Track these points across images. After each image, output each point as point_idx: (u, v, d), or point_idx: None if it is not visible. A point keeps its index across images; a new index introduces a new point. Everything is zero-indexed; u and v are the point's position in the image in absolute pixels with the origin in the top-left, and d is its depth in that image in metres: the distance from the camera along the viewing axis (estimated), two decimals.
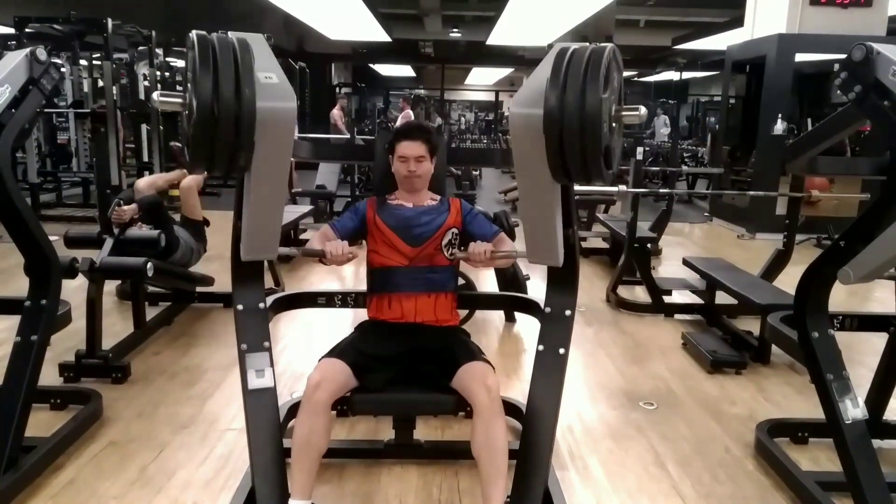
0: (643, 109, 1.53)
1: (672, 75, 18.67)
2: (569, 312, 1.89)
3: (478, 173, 10.96)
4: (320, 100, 13.70)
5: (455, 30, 14.70)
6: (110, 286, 3.88)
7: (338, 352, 1.97)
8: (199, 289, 3.92)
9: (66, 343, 3.06)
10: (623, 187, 4.22)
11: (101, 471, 2.21)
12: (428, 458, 2.30)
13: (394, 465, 2.27)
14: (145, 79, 8.49)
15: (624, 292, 4.42)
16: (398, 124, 8.10)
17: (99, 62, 8.26)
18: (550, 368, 1.85)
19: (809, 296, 1.95)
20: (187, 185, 3.67)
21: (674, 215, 5.71)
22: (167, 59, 9.31)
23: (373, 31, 10.87)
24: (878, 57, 1.69)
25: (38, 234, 2.14)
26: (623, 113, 1.53)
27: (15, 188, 2.05)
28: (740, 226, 7.25)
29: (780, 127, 6.68)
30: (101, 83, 7.93)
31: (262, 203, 1.68)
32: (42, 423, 2.42)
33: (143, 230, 3.40)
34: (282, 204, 1.77)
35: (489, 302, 3.11)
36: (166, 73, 9.21)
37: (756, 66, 7.34)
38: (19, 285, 2.34)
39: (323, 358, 1.94)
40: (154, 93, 1.53)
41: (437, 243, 2.08)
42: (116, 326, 3.50)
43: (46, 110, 7.43)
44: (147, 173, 8.40)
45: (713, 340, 3.48)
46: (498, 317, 3.94)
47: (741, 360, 3.23)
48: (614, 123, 1.51)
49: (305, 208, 5.79)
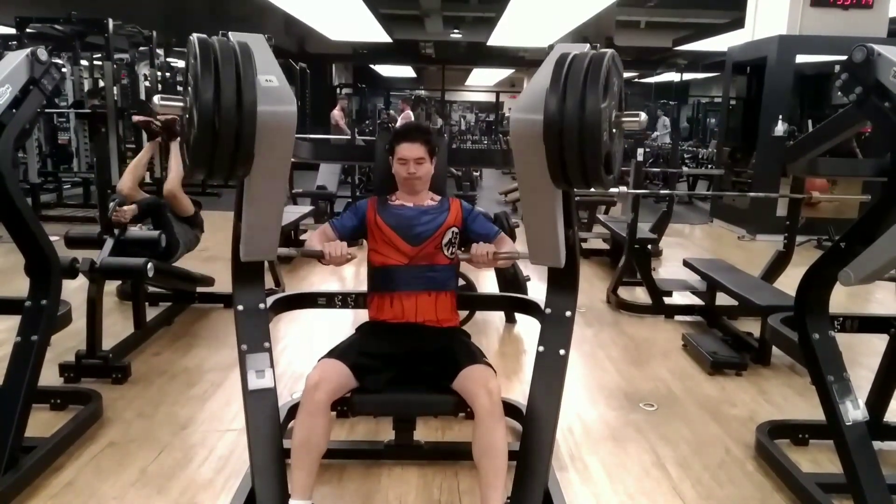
0: (643, 115, 1.53)
1: (673, 76, 18.67)
2: (569, 313, 1.89)
3: (478, 174, 10.96)
4: (321, 100, 13.71)
5: (456, 30, 14.70)
6: (111, 286, 3.87)
7: (337, 352, 1.97)
8: (199, 289, 3.92)
9: (67, 343, 3.06)
10: (623, 188, 4.22)
11: (100, 471, 2.21)
12: (428, 459, 2.29)
13: (394, 465, 2.27)
14: (146, 79, 8.49)
15: (624, 293, 4.42)
16: (398, 125, 8.10)
17: (100, 62, 8.26)
18: (551, 369, 1.85)
19: (810, 297, 1.95)
20: (170, 191, 3.53)
21: (674, 216, 5.71)
22: (168, 59, 9.31)
23: (373, 32, 10.87)
24: (879, 58, 1.69)
25: (38, 235, 2.14)
26: (623, 119, 1.52)
27: (16, 188, 2.06)
28: (741, 227, 7.24)
29: (780, 128, 6.68)
30: (101, 83, 7.93)
31: (262, 205, 1.69)
32: (42, 423, 2.42)
33: (144, 230, 3.40)
34: (281, 206, 1.78)
35: (489, 303, 3.11)
36: (167, 74, 9.22)
37: (757, 67, 7.34)
38: (20, 285, 2.34)
39: (322, 358, 1.95)
40: (155, 96, 1.52)
41: (438, 242, 2.09)
42: (117, 327, 3.50)
43: (47, 110, 7.43)
44: (147, 173, 8.41)
45: (713, 342, 3.48)
46: (498, 318, 3.94)
47: (741, 362, 3.23)
48: (614, 130, 1.51)
49: (306, 209, 5.79)
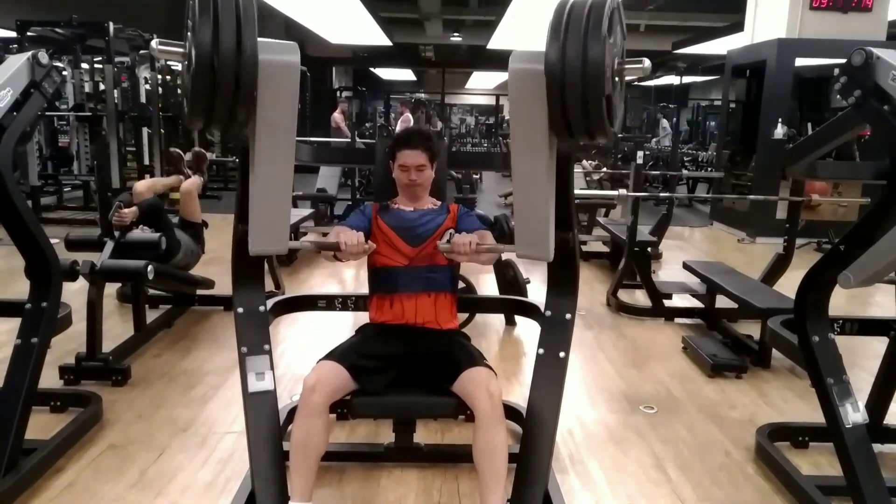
0: (647, 62, 1.46)
1: (672, 79, 18.68)
2: (569, 316, 1.89)
3: (478, 177, 10.97)
4: (321, 104, 13.73)
5: (456, 34, 14.74)
6: (111, 289, 3.88)
7: (336, 354, 1.97)
8: (199, 292, 3.93)
9: (67, 346, 3.06)
10: (623, 191, 4.23)
11: (100, 473, 2.21)
12: (428, 462, 2.29)
13: (394, 468, 2.27)
14: (146, 82, 8.50)
15: (624, 296, 4.42)
16: (397, 130, 8.10)
17: (100, 66, 8.27)
18: (551, 372, 1.85)
19: (810, 300, 1.95)
20: (187, 189, 3.73)
21: (674, 219, 5.71)
22: (168, 62, 9.31)
23: (374, 35, 10.89)
24: (878, 62, 1.69)
25: (38, 237, 2.14)
26: (626, 66, 1.47)
27: (16, 191, 2.06)
28: (741, 230, 7.25)
29: (780, 131, 6.69)
30: (102, 86, 7.93)
31: (269, 184, 1.56)
32: (42, 425, 2.42)
33: (144, 233, 3.41)
34: (289, 189, 1.61)
35: (489, 305, 3.11)
36: (167, 77, 9.23)
37: (756, 70, 7.36)
38: (20, 288, 2.34)
39: (320, 360, 1.95)
40: (153, 41, 1.47)
41: (436, 243, 2.09)
42: (117, 329, 3.50)
43: (48, 113, 7.44)
44: (147, 176, 8.42)
45: (713, 344, 3.48)
46: (498, 320, 3.94)
47: (741, 364, 3.23)
48: (617, 78, 1.46)
49: (306, 211, 5.80)
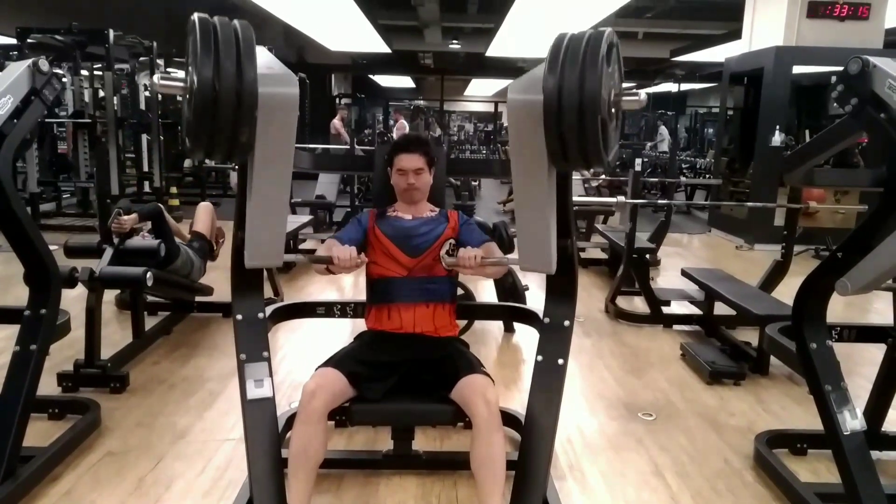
0: (643, 94, 1.49)
1: (670, 87, 18.76)
2: (567, 323, 1.89)
3: (477, 184, 10.99)
4: (320, 110, 13.74)
5: (455, 41, 14.77)
6: (109, 296, 3.88)
7: (335, 361, 1.97)
8: (198, 298, 3.92)
9: (65, 352, 3.06)
10: (622, 198, 4.24)
11: (98, 481, 2.20)
12: (426, 469, 2.29)
13: (392, 475, 2.27)
14: (146, 89, 8.52)
15: (623, 303, 4.43)
16: (394, 137, 8.11)
17: (100, 73, 8.28)
18: (549, 379, 1.85)
19: (807, 307, 1.96)
20: (205, 204, 3.88)
21: (672, 226, 5.73)
22: (168, 69, 9.34)
23: (373, 43, 10.92)
24: (875, 70, 1.71)
25: (38, 244, 2.15)
26: (623, 98, 1.49)
27: (16, 197, 2.06)
28: (739, 236, 7.26)
29: (777, 138, 6.71)
30: (102, 93, 7.95)
31: (266, 202, 1.60)
32: (40, 432, 2.41)
33: (144, 240, 3.40)
34: (286, 205, 1.68)
35: (488, 312, 3.11)
36: None
37: (754, 78, 7.38)
38: (19, 294, 2.34)
39: (319, 367, 1.95)
40: (155, 75, 1.50)
41: (436, 254, 2.09)
42: (115, 336, 3.50)
43: (47, 120, 7.45)
44: (147, 183, 8.43)
45: (712, 351, 3.48)
46: (497, 327, 3.94)
47: (740, 371, 3.23)
48: (613, 109, 1.48)
49: (304, 218, 5.80)
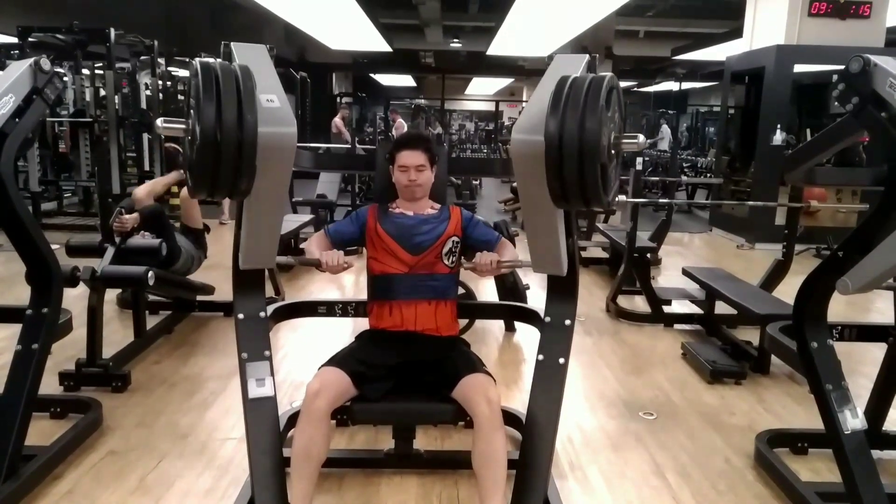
0: (641, 138, 1.57)
1: (672, 86, 18.74)
2: (568, 322, 1.90)
3: (478, 183, 10.98)
4: (321, 109, 13.75)
5: (455, 40, 14.78)
6: (111, 295, 3.88)
7: (337, 361, 1.98)
8: (199, 297, 3.93)
9: (67, 352, 3.06)
10: (623, 197, 4.23)
11: (100, 480, 2.21)
12: (428, 468, 2.29)
13: (393, 474, 2.27)
14: (147, 88, 8.52)
15: (623, 302, 4.43)
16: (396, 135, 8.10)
17: (101, 71, 8.28)
18: (550, 378, 1.86)
19: (808, 306, 1.96)
20: (187, 196, 3.68)
21: (673, 225, 5.73)
22: (169, 68, 9.35)
23: (374, 41, 10.93)
24: (876, 69, 1.70)
25: (39, 243, 2.15)
26: (623, 142, 1.55)
27: (17, 196, 2.06)
28: (740, 236, 7.26)
29: (778, 137, 6.71)
30: (103, 92, 7.95)
31: (261, 218, 1.74)
32: (42, 431, 2.42)
33: (145, 239, 3.41)
34: (280, 218, 1.83)
35: (489, 311, 3.11)
36: (168, 83, 9.25)
37: (755, 76, 7.38)
38: (20, 294, 2.34)
39: (322, 367, 1.95)
40: (158, 120, 1.55)
41: (438, 252, 2.09)
42: (117, 335, 3.50)
43: (49, 119, 7.45)
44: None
45: (713, 351, 3.48)
46: (497, 326, 3.94)
47: (741, 371, 3.23)
48: (613, 151, 1.53)
49: (305, 217, 5.80)
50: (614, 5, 7.28)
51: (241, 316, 1.85)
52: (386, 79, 22.06)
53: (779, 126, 6.72)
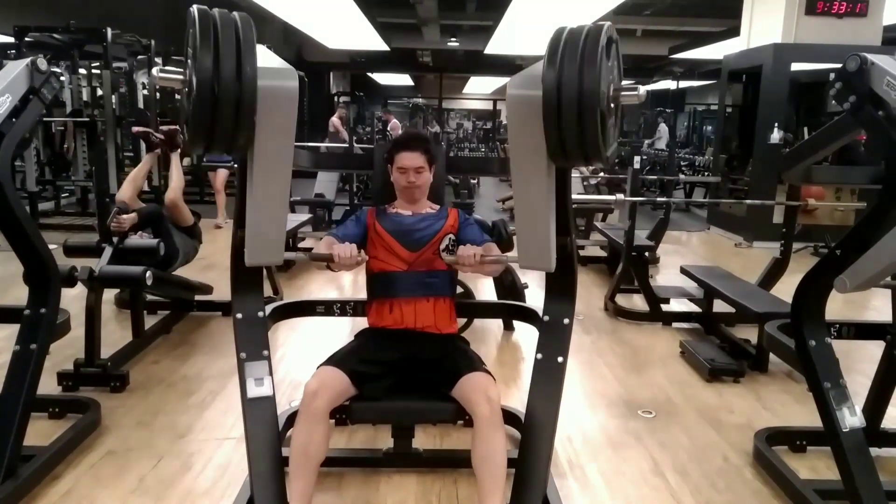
0: (642, 89, 1.49)
1: (669, 84, 18.76)
2: (567, 321, 1.90)
3: (476, 182, 10.98)
4: (318, 108, 13.74)
5: (453, 39, 14.78)
6: (109, 295, 3.87)
7: (336, 360, 1.97)
8: (198, 297, 3.92)
9: (65, 352, 3.06)
10: (621, 196, 4.24)
11: (99, 480, 2.20)
12: (427, 467, 2.29)
13: (393, 473, 2.27)
14: (144, 88, 8.50)
15: (622, 301, 4.43)
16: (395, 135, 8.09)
17: (98, 71, 8.27)
18: (549, 377, 1.86)
19: (806, 304, 1.96)
20: (171, 200, 3.62)
21: (671, 224, 5.73)
22: (166, 67, 9.33)
23: (371, 41, 10.92)
24: (873, 67, 1.71)
25: (37, 243, 2.15)
26: (622, 93, 1.49)
27: (15, 197, 2.06)
28: (738, 234, 7.26)
29: (776, 136, 6.71)
30: (100, 92, 7.93)
31: (266, 199, 1.60)
32: (40, 431, 2.41)
33: (143, 239, 3.41)
34: (286, 201, 1.67)
35: (487, 310, 3.11)
36: None
37: (752, 75, 7.38)
38: (18, 294, 2.34)
39: (321, 366, 1.95)
40: (154, 68, 1.50)
41: (435, 248, 2.10)
42: (115, 335, 3.50)
43: (45, 119, 7.43)
44: (145, 183, 8.40)
45: (711, 349, 3.49)
46: (496, 325, 3.94)
47: (739, 369, 3.23)
48: (612, 104, 1.48)
49: (303, 217, 5.80)
50: (612, 4, 7.28)
51: (239, 315, 1.85)
52: (384, 78, 22.06)
53: (776, 124, 6.72)
